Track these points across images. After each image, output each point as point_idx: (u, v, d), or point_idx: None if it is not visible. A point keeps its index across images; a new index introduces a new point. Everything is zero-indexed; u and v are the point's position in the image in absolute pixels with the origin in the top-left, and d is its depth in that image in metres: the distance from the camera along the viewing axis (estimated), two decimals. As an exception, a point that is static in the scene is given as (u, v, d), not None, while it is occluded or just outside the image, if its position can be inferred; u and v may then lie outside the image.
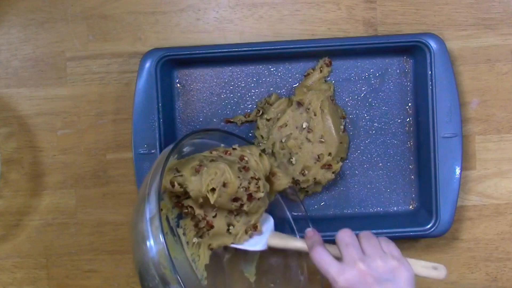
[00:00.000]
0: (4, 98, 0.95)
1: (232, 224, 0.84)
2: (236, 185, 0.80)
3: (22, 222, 0.96)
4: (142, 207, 0.74)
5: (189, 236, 0.85)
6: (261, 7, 0.94)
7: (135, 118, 0.90)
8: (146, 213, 0.73)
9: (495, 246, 0.96)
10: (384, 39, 0.91)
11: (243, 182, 0.81)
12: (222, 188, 0.80)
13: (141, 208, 0.74)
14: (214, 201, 0.80)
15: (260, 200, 0.83)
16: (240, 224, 0.84)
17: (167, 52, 0.90)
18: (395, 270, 0.75)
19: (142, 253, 0.73)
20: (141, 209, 0.74)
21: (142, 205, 0.74)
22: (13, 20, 0.94)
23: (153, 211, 0.72)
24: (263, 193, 0.82)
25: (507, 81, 0.94)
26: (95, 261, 0.96)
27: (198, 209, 0.83)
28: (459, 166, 0.90)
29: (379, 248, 0.76)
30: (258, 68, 0.94)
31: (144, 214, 0.73)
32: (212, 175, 0.79)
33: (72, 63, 0.94)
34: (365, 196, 0.95)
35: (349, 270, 0.74)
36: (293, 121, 0.92)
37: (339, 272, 0.74)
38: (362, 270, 0.74)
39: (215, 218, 0.83)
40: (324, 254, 0.76)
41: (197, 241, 0.85)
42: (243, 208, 0.82)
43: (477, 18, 0.93)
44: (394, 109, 0.94)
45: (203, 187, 0.79)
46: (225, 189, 0.80)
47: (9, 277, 0.96)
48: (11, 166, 0.95)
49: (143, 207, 0.74)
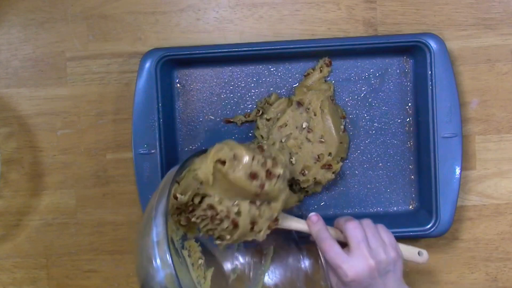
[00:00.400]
0: (4, 98, 0.95)
1: (256, 221, 0.80)
2: (249, 155, 0.77)
3: (22, 222, 0.96)
4: (148, 229, 0.72)
5: (194, 258, 0.85)
6: (261, 7, 0.94)
7: (135, 118, 0.90)
8: (153, 236, 0.71)
9: (495, 246, 0.96)
10: (384, 39, 0.91)
11: (257, 156, 0.78)
12: (234, 161, 0.77)
13: (147, 230, 0.72)
14: (226, 172, 0.76)
15: (280, 180, 0.79)
16: (263, 220, 0.81)
17: (167, 52, 0.90)
18: (396, 261, 0.80)
19: (147, 275, 0.72)
20: (147, 231, 0.72)
21: (148, 227, 0.72)
22: (13, 20, 0.94)
23: (160, 235, 0.71)
24: (281, 169, 0.79)
25: (507, 81, 0.94)
26: (95, 261, 0.96)
27: (219, 204, 0.79)
28: (459, 166, 0.90)
29: (380, 239, 0.80)
30: (258, 68, 0.94)
31: (151, 236, 0.71)
32: (219, 148, 0.78)
33: (72, 63, 0.94)
34: (365, 196, 0.95)
35: (360, 265, 0.78)
36: (293, 121, 0.92)
37: (350, 267, 0.78)
38: (371, 265, 0.78)
39: (240, 216, 0.80)
40: (334, 247, 0.79)
41: (202, 262, 0.85)
42: (265, 188, 0.78)
43: (477, 18, 0.93)
44: (394, 109, 0.94)
45: (209, 158, 0.77)
46: (237, 162, 0.77)
47: (9, 277, 0.96)
48: (11, 166, 0.95)
49: (149, 229, 0.72)
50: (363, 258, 0.78)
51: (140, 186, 0.90)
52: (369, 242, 0.79)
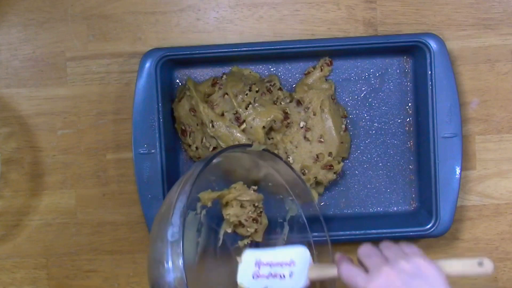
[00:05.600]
0: (4, 98, 0.95)
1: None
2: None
3: (22, 222, 0.96)
4: (164, 225, 0.70)
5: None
6: (261, 7, 0.94)
7: (135, 118, 0.90)
8: (168, 235, 0.69)
9: (495, 246, 0.96)
10: (384, 39, 0.91)
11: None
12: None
13: (162, 227, 0.70)
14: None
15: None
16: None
17: (167, 52, 0.90)
18: (422, 267, 0.73)
19: (157, 273, 0.70)
20: (162, 228, 0.70)
21: (164, 223, 0.70)
22: (13, 20, 0.94)
23: (175, 236, 0.69)
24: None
25: (507, 81, 0.94)
26: (95, 261, 0.96)
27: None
28: (459, 166, 0.90)
29: (400, 251, 0.75)
30: (258, 68, 0.94)
31: (165, 235, 0.69)
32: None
33: (72, 63, 0.94)
34: (365, 196, 0.95)
35: (376, 276, 0.72)
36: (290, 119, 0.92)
37: (367, 280, 0.72)
38: (388, 273, 0.72)
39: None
40: (351, 268, 0.75)
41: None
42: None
43: (477, 18, 0.93)
44: (394, 109, 0.94)
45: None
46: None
47: (9, 277, 0.96)
48: (11, 166, 0.95)
49: (165, 225, 0.69)
50: (378, 269, 0.73)
51: (140, 186, 0.90)
52: (385, 255, 0.75)
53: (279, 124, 0.89)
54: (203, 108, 0.88)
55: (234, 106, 0.88)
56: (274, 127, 0.90)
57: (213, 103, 0.89)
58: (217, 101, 0.89)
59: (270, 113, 0.88)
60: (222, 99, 0.89)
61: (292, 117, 0.91)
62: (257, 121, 0.88)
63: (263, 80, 0.92)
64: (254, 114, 0.88)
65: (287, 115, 0.90)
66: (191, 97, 0.89)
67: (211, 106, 0.89)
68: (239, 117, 0.88)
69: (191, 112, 0.90)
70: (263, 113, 0.88)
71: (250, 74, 0.93)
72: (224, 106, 0.89)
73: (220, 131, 0.88)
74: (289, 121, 0.90)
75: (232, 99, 0.88)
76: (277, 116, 0.89)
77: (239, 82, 0.89)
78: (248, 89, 0.89)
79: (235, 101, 0.88)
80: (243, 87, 0.89)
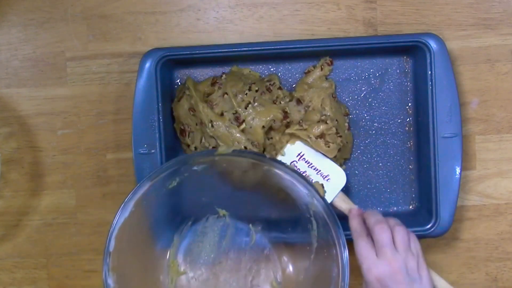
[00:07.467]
0: (4, 98, 0.95)
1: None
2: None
3: (22, 222, 0.96)
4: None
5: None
6: (261, 7, 0.94)
7: (135, 118, 0.90)
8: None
9: (495, 246, 0.96)
10: (384, 39, 0.91)
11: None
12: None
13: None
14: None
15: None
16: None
17: (167, 52, 0.90)
18: (421, 271, 0.79)
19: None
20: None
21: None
22: (13, 20, 0.94)
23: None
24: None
25: (507, 81, 0.94)
26: (95, 261, 0.96)
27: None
28: (459, 166, 0.90)
29: (408, 245, 0.80)
30: (258, 68, 0.94)
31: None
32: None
33: (72, 63, 0.94)
34: (365, 196, 0.95)
35: (382, 266, 0.78)
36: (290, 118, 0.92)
37: (372, 265, 0.78)
38: (394, 267, 0.78)
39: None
40: (364, 247, 0.80)
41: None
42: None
43: (477, 18, 0.93)
44: (394, 109, 0.94)
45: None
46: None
47: (9, 277, 0.96)
48: (11, 166, 0.95)
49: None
50: (386, 261, 0.78)
51: (140, 186, 0.90)
52: (395, 242, 0.79)
53: (279, 124, 0.89)
54: (203, 108, 0.88)
55: (234, 106, 0.88)
56: (273, 126, 0.90)
57: (213, 102, 0.89)
58: (216, 101, 0.89)
59: (270, 113, 0.88)
60: (222, 99, 0.89)
61: (292, 116, 0.91)
62: (256, 121, 0.88)
63: (262, 80, 0.92)
64: (254, 113, 0.88)
65: (287, 114, 0.90)
66: (190, 96, 0.89)
67: (210, 105, 0.89)
68: (239, 117, 0.88)
69: (190, 112, 0.90)
70: (262, 112, 0.88)
71: (250, 73, 0.93)
72: (223, 105, 0.89)
73: (220, 131, 0.88)
74: (289, 120, 0.90)
75: (231, 99, 0.88)
76: (276, 115, 0.89)
77: (239, 81, 0.90)
78: (248, 89, 0.89)
79: (235, 101, 0.88)
80: (243, 86, 0.89)
